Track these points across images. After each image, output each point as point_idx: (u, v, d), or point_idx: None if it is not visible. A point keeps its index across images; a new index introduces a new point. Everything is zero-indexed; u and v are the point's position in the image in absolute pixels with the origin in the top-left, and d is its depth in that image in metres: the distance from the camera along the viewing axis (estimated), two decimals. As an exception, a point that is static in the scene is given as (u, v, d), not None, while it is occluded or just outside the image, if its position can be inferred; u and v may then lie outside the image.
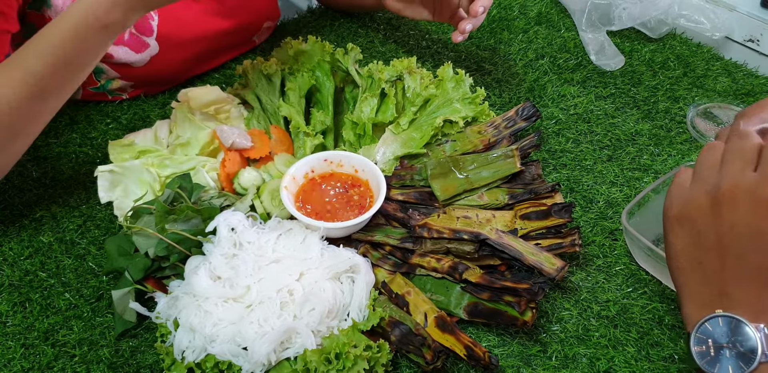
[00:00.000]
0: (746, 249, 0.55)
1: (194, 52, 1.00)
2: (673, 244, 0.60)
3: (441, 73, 0.94)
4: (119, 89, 0.99)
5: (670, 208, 0.60)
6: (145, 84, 1.00)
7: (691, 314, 0.57)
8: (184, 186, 0.79)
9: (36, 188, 0.88)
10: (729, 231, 0.56)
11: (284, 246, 0.74)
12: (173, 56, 0.97)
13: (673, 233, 0.60)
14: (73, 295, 0.77)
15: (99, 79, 0.96)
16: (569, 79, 1.06)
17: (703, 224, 0.57)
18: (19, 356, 0.71)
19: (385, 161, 0.88)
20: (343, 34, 1.15)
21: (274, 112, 0.92)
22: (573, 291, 0.78)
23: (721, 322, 0.55)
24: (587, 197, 0.88)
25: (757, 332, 0.53)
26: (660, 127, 0.99)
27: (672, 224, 0.60)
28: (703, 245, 0.57)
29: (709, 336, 0.55)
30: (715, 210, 0.57)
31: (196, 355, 0.67)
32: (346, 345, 0.65)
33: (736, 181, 0.56)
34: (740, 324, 0.54)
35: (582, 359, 0.72)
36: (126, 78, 0.96)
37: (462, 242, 0.75)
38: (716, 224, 0.56)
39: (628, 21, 1.11)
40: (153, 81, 1.00)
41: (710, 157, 0.60)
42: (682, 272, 0.59)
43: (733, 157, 0.58)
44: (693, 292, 0.58)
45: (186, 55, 0.99)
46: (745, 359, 0.53)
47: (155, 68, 0.96)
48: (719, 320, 0.55)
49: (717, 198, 0.57)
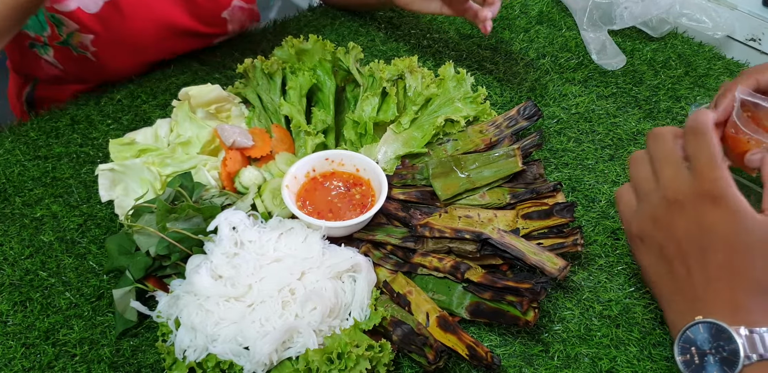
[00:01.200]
0: (705, 249, 0.56)
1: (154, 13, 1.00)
2: (641, 261, 0.61)
3: (442, 73, 0.94)
4: (81, 45, 0.99)
5: (629, 228, 0.62)
6: (107, 43, 1.00)
7: (674, 323, 0.57)
8: (185, 185, 0.79)
9: (36, 188, 0.88)
10: (685, 236, 0.56)
11: (285, 245, 0.74)
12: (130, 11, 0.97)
13: (639, 251, 0.61)
14: (74, 294, 0.76)
15: (61, 33, 0.97)
16: (570, 79, 1.06)
17: (661, 236, 0.58)
18: (19, 355, 0.71)
19: (387, 160, 0.88)
20: (344, 32, 1.15)
21: (275, 111, 0.92)
22: (575, 291, 0.78)
23: (701, 328, 0.54)
24: (589, 197, 0.88)
25: (736, 335, 0.52)
26: (661, 126, 0.98)
27: (635, 243, 0.61)
28: (666, 255, 0.58)
29: (691, 344, 0.55)
30: (667, 220, 0.58)
31: (198, 354, 0.67)
32: (347, 345, 0.65)
33: (675, 186, 0.57)
34: (720, 328, 0.53)
35: (584, 358, 0.71)
36: (84, 30, 0.97)
37: (464, 242, 0.75)
38: (672, 233, 0.57)
39: (630, 20, 1.11)
40: (114, 39, 0.99)
41: (641, 169, 0.62)
42: (656, 285, 0.60)
43: (662, 164, 0.59)
44: (670, 301, 0.58)
45: (144, 14, 0.99)
46: (728, 363, 0.53)
47: (113, 23, 0.97)
48: (699, 327, 0.54)
49: (666, 208, 0.58)
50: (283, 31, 1.15)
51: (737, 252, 0.55)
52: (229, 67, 1.07)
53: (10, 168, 0.90)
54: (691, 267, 0.56)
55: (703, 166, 0.56)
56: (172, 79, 1.04)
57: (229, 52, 1.10)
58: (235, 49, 1.11)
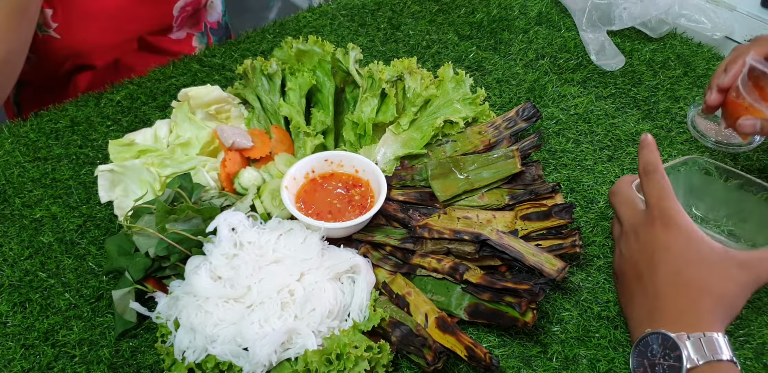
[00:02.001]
0: (655, 262, 0.61)
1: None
2: (618, 295, 0.69)
3: (441, 74, 0.94)
4: (44, 23, 0.99)
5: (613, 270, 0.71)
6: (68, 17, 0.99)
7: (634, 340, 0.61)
8: (184, 186, 0.79)
9: (36, 189, 0.88)
10: (640, 256, 0.63)
11: (285, 246, 0.74)
12: None
13: (618, 290, 0.69)
14: (73, 295, 0.77)
15: None
16: (569, 80, 1.06)
17: (624, 265, 0.66)
18: (19, 356, 0.71)
19: (386, 161, 0.88)
20: (343, 33, 1.15)
21: (275, 112, 0.92)
22: (573, 292, 0.78)
23: (650, 340, 0.58)
24: (588, 198, 0.88)
25: (679, 341, 0.55)
26: (660, 127, 0.99)
27: (615, 281, 0.70)
28: (628, 282, 0.65)
29: (644, 357, 0.58)
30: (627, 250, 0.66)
31: (197, 355, 0.67)
32: (347, 346, 0.65)
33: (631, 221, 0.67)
34: (666, 337, 0.56)
35: (582, 360, 0.72)
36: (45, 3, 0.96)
37: (463, 243, 0.75)
38: (630, 258, 0.65)
39: (629, 21, 1.11)
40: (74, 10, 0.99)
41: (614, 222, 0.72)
42: (626, 314, 0.66)
43: (621, 209, 0.69)
44: (632, 320, 0.64)
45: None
46: (675, 369, 0.55)
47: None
48: (649, 339, 0.58)
49: (626, 240, 0.66)
50: (282, 32, 1.15)
51: (689, 264, 0.60)
52: (228, 68, 1.07)
53: (10, 169, 0.90)
54: (645, 283, 0.62)
55: (654, 198, 0.64)
56: (172, 81, 1.04)
57: (229, 53, 1.10)
58: (234, 50, 1.11)
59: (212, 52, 1.11)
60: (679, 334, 0.56)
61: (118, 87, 1.03)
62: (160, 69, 1.06)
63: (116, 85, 1.04)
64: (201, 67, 1.07)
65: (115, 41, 1.08)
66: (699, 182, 0.79)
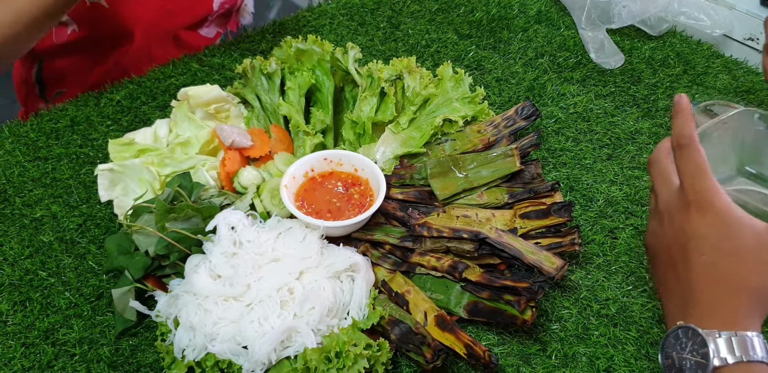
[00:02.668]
0: (691, 254, 0.58)
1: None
2: (653, 277, 0.66)
3: (440, 73, 0.94)
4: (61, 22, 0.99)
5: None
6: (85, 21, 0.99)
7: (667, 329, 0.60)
8: (183, 185, 0.79)
9: (36, 188, 0.88)
10: (674, 243, 0.60)
11: (284, 245, 0.74)
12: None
13: (651, 264, 0.65)
14: (73, 294, 0.77)
15: None
16: (569, 78, 1.06)
17: (656, 245, 0.62)
18: (19, 355, 0.71)
19: (385, 160, 0.88)
20: (342, 33, 1.15)
21: (274, 112, 0.92)
22: (572, 290, 0.78)
23: (680, 334, 0.56)
24: (587, 196, 0.88)
25: (708, 338, 0.54)
26: (660, 125, 0.99)
27: (648, 256, 0.66)
28: (662, 265, 0.62)
29: (673, 349, 0.57)
30: (660, 231, 0.62)
31: (197, 354, 0.67)
32: (346, 344, 0.65)
33: (664, 199, 0.61)
34: (695, 332, 0.55)
35: (582, 357, 0.72)
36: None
37: (462, 241, 0.75)
38: (664, 242, 0.61)
39: (628, 19, 1.11)
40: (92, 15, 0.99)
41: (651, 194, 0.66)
42: (660, 297, 0.63)
43: (658, 183, 0.63)
44: (667, 309, 0.61)
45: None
46: (701, 366, 0.54)
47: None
48: (679, 332, 0.56)
49: (659, 221, 0.62)
50: (281, 31, 1.15)
51: (725, 255, 0.56)
52: (228, 68, 1.07)
53: (10, 169, 0.90)
54: (679, 273, 0.59)
55: (688, 178, 0.59)
56: (172, 80, 1.04)
57: (228, 53, 1.10)
58: (234, 49, 1.11)
59: (212, 51, 1.11)
60: (710, 331, 0.54)
61: (118, 86, 1.04)
62: (159, 68, 1.07)
63: (116, 85, 1.04)
64: (200, 66, 1.07)
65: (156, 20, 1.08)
66: (752, 137, 0.74)
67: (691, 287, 0.57)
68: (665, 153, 0.64)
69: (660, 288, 0.63)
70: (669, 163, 0.63)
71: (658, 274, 0.63)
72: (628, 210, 0.86)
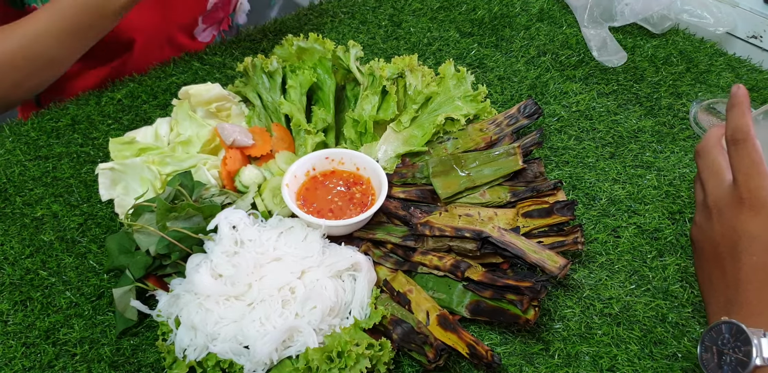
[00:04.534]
0: (740, 253, 0.57)
1: None
2: (696, 269, 0.64)
3: (442, 71, 0.94)
4: None
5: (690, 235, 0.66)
6: None
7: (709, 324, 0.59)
8: (185, 184, 0.79)
9: (37, 187, 0.88)
10: (722, 240, 0.59)
11: (285, 244, 0.74)
12: None
13: (695, 259, 0.64)
14: (74, 293, 0.77)
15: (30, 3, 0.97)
16: (571, 76, 1.06)
17: (703, 240, 0.61)
18: (20, 354, 0.71)
19: (387, 159, 0.87)
20: (344, 31, 1.15)
21: (275, 110, 0.92)
22: (575, 289, 0.78)
23: (723, 329, 0.56)
24: (590, 195, 0.88)
25: (752, 336, 0.53)
26: (663, 123, 0.98)
27: (692, 248, 0.65)
28: (706, 259, 0.61)
29: (713, 343, 0.56)
30: (708, 226, 0.61)
31: (198, 353, 0.67)
32: (348, 343, 0.65)
33: (716, 194, 0.60)
34: (740, 329, 0.54)
35: (585, 357, 0.71)
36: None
37: (464, 240, 0.75)
38: (711, 237, 0.60)
39: (631, 17, 1.11)
40: None
41: (696, 184, 0.65)
42: (701, 287, 0.63)
43: (706, 176, 0.62)
44: (708, 303, 0.61)
45: None
46: (742, 363, 0.54)
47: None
48: (722, 327, 0.56)
49: (708, 215, 0.61)
50: (283, 29, 1.15)
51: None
52: (229, 66, 1.07)
53: (11, 168, 0.90)
54: (726, 269, 0.58)
55: (742, 175, 0.57)
56: (173, 79, 1.04)
57: (229, 51, 1.10)
58: (235, 47, 1.11)
59: (213, 50, 1.10)
60: (756, 329, 0.53)
61: (119, 85, 1.03)
62: (160, 67, 1.06)
63: (117, 84, 1.04)
64: (201, 65, 1.07)
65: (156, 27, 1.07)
66: None
67: (738, 287, 0.56)
68: (714, 143, 0.62)
69: (703, 283, 0.62)
70: (719, 155, 0.61)
71: (702, 269, 0.62)
72: (630, 209, 0.86)
